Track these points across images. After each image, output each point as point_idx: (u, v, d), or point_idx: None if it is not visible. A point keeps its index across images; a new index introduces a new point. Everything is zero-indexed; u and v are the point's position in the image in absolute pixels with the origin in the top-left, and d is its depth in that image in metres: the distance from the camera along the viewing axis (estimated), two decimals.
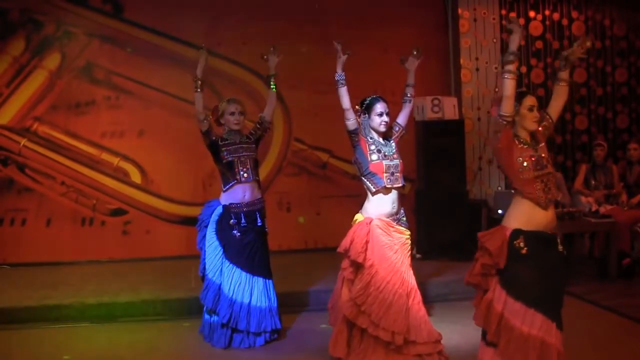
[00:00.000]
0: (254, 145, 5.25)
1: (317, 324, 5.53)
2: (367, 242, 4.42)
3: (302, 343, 5.20)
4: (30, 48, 7.90)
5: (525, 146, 3.72)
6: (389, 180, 4.50)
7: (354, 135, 4.56)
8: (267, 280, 5.17)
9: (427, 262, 7.11)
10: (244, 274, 5.05)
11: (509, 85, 3.62)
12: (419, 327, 4.42)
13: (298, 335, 5.38)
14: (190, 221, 8.00)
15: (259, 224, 5.16)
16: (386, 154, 4.55)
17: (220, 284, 5.06)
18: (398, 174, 4.55)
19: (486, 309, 3.70)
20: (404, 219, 4.64)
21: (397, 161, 4.57)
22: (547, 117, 3.84)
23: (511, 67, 3.62)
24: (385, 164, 4.51)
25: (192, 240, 7.84)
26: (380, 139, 4.61)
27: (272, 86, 5.30)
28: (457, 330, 5.27)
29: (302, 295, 6.13)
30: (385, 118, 4.56)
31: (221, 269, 5.08)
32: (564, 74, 3.82)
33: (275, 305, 5.17)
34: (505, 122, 3.65)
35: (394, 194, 4.55)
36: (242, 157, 5.12)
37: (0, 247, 7.76)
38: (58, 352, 5.11)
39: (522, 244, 3.64)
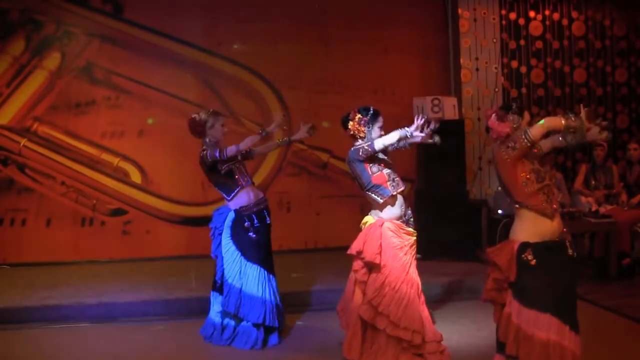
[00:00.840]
0: None
1: (318, 323, 5.54)
2: (380, 243, 4.42)
3: (303, 343, 5.20)
4: (30, 48, 7.89)
5: (525, 160, 3.75)
6: (393, 188, 4.51)
7: (375, 154, 4.46)
8: (275, 278, 5.22)
9: (427, 262, 7.05)
10: (266, 272, 5.10)
11: (558, 124, 3.63)
12: (426, 327, 4.44)
13: (298, 334, 5.39)
14: (190, 221, 8.07)
15: (268, 222, 5.22)
16: (381, 162, 4.56)
17: (241, 287, 5.04)
18: (398, 178, 4.58)
19: (505, 322, 3.73)
20: (412, 220, 4.65)
21: (392, 166, 4.60)
22: (539, 147, 3.83)
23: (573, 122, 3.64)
24: (386, 173, 4.52)
25: (192, 240, 7.93)
26: None
27: (280, 143, 5.51)
28: (457, 330, 5.28)
29: (302, 295, 6.13)
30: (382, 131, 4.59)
31: (240, 271, 5.06)
32: (571, 143, 3.82)
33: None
34: (529, 144, 3.65)
35: (400, 198, 4.57)
36: (235, 163, 5.16)
37: (0, 247, 7.75)
38: (58, 352, 5.12)
39: (530, 257, 3.67)
